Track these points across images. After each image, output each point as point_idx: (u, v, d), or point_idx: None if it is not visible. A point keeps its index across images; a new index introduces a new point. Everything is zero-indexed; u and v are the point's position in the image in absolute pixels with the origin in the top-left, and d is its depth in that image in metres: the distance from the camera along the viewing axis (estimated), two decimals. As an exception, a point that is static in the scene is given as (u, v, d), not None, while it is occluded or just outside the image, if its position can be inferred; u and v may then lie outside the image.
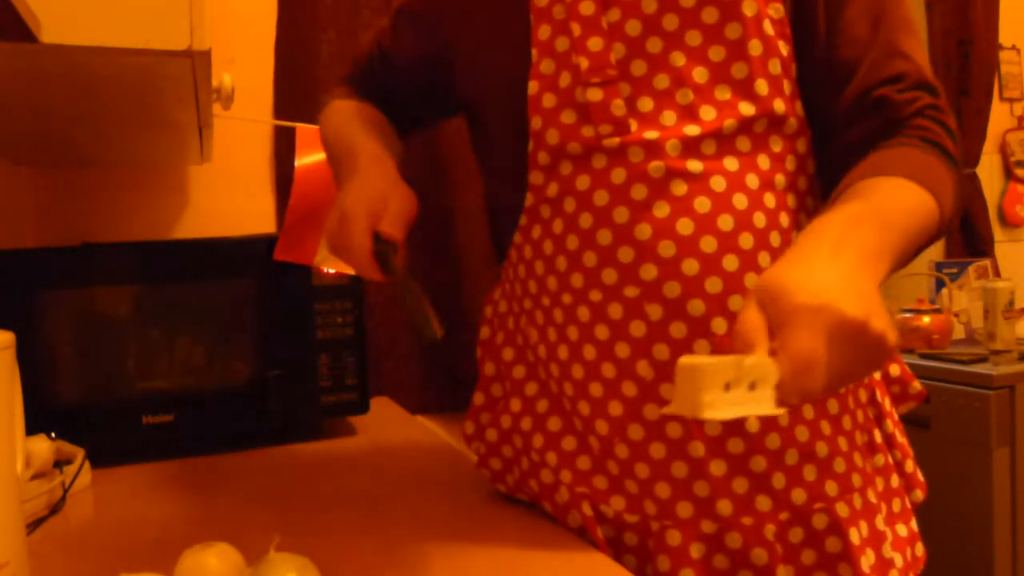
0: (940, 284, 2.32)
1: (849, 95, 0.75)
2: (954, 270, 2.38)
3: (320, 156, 1.23)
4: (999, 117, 2.67)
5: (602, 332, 0.75)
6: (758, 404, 0.50)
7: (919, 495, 0.84)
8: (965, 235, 2.59)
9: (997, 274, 2.44)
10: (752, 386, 0.50)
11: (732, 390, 0.49)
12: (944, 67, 2.53)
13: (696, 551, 0.73)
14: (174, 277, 1.19)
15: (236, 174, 1.62)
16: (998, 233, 2.67)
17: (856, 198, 0.65)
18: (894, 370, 0.86)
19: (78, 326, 1.16)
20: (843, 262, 0.57)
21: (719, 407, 0.48)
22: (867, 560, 0.74)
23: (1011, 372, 1.90)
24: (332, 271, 1.25)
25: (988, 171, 2.67)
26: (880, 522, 0.77)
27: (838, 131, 0.76)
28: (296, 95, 1.63)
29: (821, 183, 0.80)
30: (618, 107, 0.73)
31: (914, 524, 0.82)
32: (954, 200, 0.71)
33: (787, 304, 0.54)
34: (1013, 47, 2.72)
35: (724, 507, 0.73)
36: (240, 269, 1.22)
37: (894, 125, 0.73)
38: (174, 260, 1.20)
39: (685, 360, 0.49)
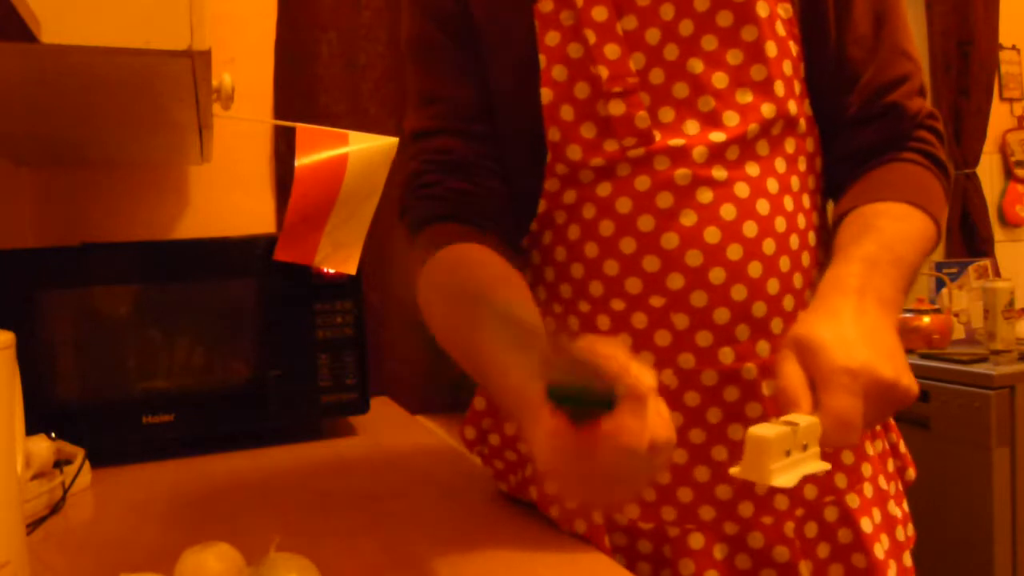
0: (940, 284, 2.32)
1: (858, 94, 0.76)
2: (954, 270, 2.38)
3: (320, 156, 1.23)
4: (999, 117, 2.67)
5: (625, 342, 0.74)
6: (810, 463, 0.56)
7: (911, 474, 0.85)
8: (965, 235, 2.59)
9: (997, 274, 2.44)
10: (804, 447, 0.55)
11: (792, 454, 0.55)
12: (944, 67, 2.53)
13: (719, 552, 0.73)
14: (174, 277, 1.19)
15: (236, 174, 1.62)
16: (998, 233, 2.67)
17: (866, 233, 0.68)
18: None
19: (78, 326, 1.16)
20: (868, 317, 0.61)
21: (785, 473, 0.54)
22: (881, 546, 0.75)
23: (1011, 372, 1.90)
24: (332, 271, 1.24)
25: (988, 171, 2.67)
26: (892, 507, 0.78)
27: (846, 131, 0.77)
28: (296, 95, 1.63)
29: (826, 181, 0.80)
30: (642, 119, 0.71)
31: (906, 505, 0.83)
32: (946, 214, 0.76)
33: (826, 364, 0.57)
34: (1013, 47, 2.72)
35: (745, 508, 0.73)
36: (240, 269, 1.22)
37: (901, 135, 0.76)
38: (174, 260, 1.20)
39: (754, 431, 0.54)
